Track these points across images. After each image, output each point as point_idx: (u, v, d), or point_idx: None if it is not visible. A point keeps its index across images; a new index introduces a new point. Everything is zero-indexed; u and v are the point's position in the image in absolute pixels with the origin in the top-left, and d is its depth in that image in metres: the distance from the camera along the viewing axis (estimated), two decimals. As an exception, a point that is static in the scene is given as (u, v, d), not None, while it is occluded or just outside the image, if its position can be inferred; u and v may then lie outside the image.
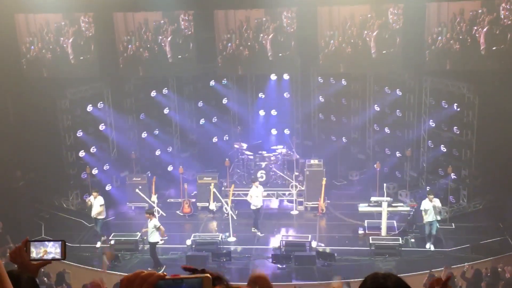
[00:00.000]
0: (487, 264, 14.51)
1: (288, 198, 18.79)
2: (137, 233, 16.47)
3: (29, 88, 18.48)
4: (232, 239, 16.74)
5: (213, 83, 21.41)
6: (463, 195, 18.10)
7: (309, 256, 15.43)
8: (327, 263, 15.23)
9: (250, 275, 3.16)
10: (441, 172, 18.44)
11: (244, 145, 20.05)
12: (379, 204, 16.64)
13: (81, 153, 18.96)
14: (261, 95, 21.67)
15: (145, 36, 18.41)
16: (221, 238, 16.38)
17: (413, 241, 16.43)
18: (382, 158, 19.63)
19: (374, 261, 15.42)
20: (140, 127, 20.44)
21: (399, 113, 19.56)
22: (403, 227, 16.70)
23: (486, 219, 17.38)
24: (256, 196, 16.95)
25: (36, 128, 18.60)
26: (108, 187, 19.34)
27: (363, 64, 18.16)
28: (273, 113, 21.73)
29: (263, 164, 19.26)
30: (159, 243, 15.66)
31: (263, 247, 16.58)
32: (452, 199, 18.00)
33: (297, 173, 18.98)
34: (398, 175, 19.58)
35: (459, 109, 17.77)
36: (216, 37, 18.26)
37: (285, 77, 20.99)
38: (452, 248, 16.10)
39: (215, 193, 17.89)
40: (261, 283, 3.11)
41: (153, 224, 15.24)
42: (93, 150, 19.26)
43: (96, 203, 16.53)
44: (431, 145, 18.79)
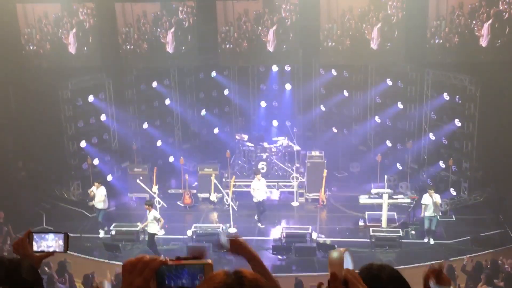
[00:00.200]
0: (487, 256, 14.55)
1: (288, 190, 18.80)
2: (138, 224, 16.50)
3: (31, 78, 18.44)
4: (232, 230, 16.77)
5: (215, 74, 21.38)
6: (463, 187, 18.10)
7: (310, 247, 15.48)
8: (327, 255, 15.23)
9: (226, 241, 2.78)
10: (442, 164, 18.45)
11: (245, 136, 20.05)
12: (379, 196, 16.67)
13: (82, 144, 18.98)
14: (263, 87, 21.65)
15: (144, 28, 18.36)
16: (222, 229, 16.40)
17: (413, 233, 16.45)
18: (383, 150, 19.63)
19: (374, 252, 15.44)
20: (141, 118, 20.42)
21: (400, 105, 19.54)
22: (403, 219, 16.72)
23: (486, 212, 17.44)
24: (257, 189, 16.95)
25: (37, 118, 18.58)
26: (109, 178, 19.36)
27: (364, 56, 18.13)
28: (274, 104, 21.71)
29: (264, 155, 19.27)
30: (158, 234, 15.69)
31: (263, 238, 16.62)
32: (452, 191, 18.01)
33: (298, 165, 18.99)
34: (399, 167, 19.58)
35: (460, 101, 17.77)
36: (217, 29, 18.23)
37: (287, 68, 20.96)
38: (452, 240, 16.13)
39: (216, 184, 17.90)
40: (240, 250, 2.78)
41: (153, 215, 15.27)
42: (94, 140, 19.29)
43: (98, 193, 16.60)
44: (432, 137, 18.79)
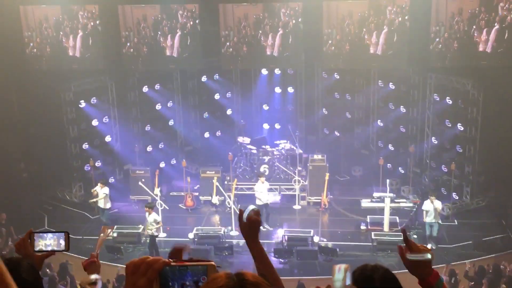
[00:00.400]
0: (490, 261, 14.49)
1: (290, 193, 18.78)
2: (140, 226, 16.50)
3: (33, 80, 18.49)
4: (234, 233, 16.74)
5: (217, 77, 21.39)
6: (466, 192, 18.06)
7: (311, 251, 15.46)
8: (329, 258, 15.24)
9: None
10: (444, 168, 18.42)
11: (247, 139, 20.05)
12: (381, 200, 16.65)
13: (85, 146, 19.00)
14: (265, 90, 21.60)
15: (143, 32, 18.43)
16: (224, 232, 16.40)
17: (415, 237, 16.39)
18: (385, 154, 19.61)
19: (376, 256, 15.40)
20: (143, 120, 20.44)
21: (403, 109, 19.53)
22: (405, 223, 16.69)
23: (489, 216, 17.39)
24: (260, 191, 16.93)
25: (39, 120, 18.63)
26: (111, 180, 19.38)
27: (367, 60, 18.15)
28: (277, 107, 21.70)
29: (266, 158, 19.26)
30: (159, 236, 15.73)
31: (265, 241, 16.57)
32: (455, 196, 17.98)
33: (300, 168, 18.97)
34: (401, 171, 19.56)
35: (463, 106, 17.75)
36: (219, 32, 18.28)
37: (289, 71, 20.96)
38: (454, 244, 16.10)
39: (218, 187, 17.90)
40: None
41: (153, 218, 15.31)
42: (96, 142, 19.31)
43: (101, 192, 16.70)
44: (434, 141, 18.77)
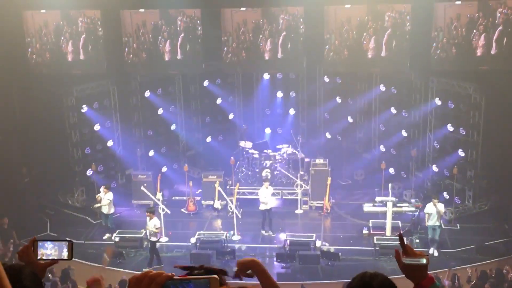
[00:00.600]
0: (492, 265, 14.47)
1: (292, 197, 18.75)
2: (142, 231, 16.50)
3: (35, 85, 18.54)
4: (236, 237, 16.75)
5: (219, 82, 21.41)
6: (468, 196, 18.03)
7: (313, 255, 15.43)
8: (331, 263, 15.22)
9: (238, 261, 2.96)
10: (446, 172, 18.39)
11: (249, 144, 20.04)
12: (384, 204, 16.62)
13: (87, 150, 19.02)
14: (266, 94, 21.60)
15: (143, 37, 18.51)
16: (226, 236, 16.37)
17: (417, 241, 16.36)
18: (387, 158, 19.59)
19: (378, 261, 15.38)
20: (145, 124, 20.45)
21: (405, 114, 19.52)
22: (407, 228, 16.66)
23: (491, 220, 17.34)
24: (264, 196, 16.89)
25: (41, 125, 18.66)
26: (113, 185, 19.36)
27: (369, 64, 18.19)
28: (279, 112, 21.69)
29: (268, 163, 19.25)
30: (160, 241, 15.76)
31: (267, 246, 16.58)
32: (457, 200, 17.94)
33: (302, 172, 18.96)
34: (403, 175, 19.54)
35: (465, 110, 17.74)
36: (219, 36, 18.35)
37: (291, 76, 20.97)
38: (457, 249, 16.06)
39: (220, 191, 17.90)
40: (252, 267, 2.94)
41: (153, 223, 15.32)
42: (98, 147, 19.34)
43: (105, 199, 16.71)
44: (436, 145, 18.75)
